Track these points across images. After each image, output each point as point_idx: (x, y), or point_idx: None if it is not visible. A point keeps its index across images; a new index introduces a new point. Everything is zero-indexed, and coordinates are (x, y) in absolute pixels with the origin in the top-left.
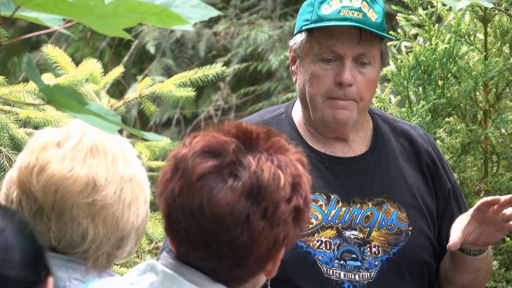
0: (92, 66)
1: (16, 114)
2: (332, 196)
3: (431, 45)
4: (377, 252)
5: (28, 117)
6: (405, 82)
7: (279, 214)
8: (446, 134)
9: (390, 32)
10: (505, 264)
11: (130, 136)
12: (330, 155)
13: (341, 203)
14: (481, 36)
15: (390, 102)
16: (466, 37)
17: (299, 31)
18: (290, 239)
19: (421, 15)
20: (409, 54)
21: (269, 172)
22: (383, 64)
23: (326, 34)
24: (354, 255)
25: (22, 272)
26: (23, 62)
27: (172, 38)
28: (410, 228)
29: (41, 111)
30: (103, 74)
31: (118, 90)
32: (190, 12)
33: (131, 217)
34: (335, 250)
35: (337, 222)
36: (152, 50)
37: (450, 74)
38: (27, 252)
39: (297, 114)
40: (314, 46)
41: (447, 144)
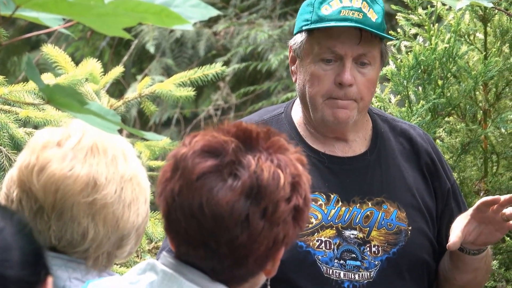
0: (91, 65)
1: (16, 114)
2: (331, 195)
3: (431, 44)
4: (376, 251)
5: (28, 116)
6: (405, 81)
7: (279, 214)
8: (446, 134)
9: (390, 31)
10: (504, 263)
11: (130, 135)
12: (329, 155)
13: (340, 203)
14: (480, 35)
15: (390, 102)
16: (466, 36)
17: (299, 31)
18: (289, 239)
19: (420, 15)
20: (409, 53)
21: (268, 171)
22: (383, 63)
23: (326, 35)
24: (354, 255)
25: (21, 272)
26: (23, 62)
27: (171, 38)
28: (410, 227)
29: (41, 111)
30: (103, 73)
31: (118, 89)
32: (190, 11)
33: (131, 216)
34: (335, 250)
35: (336, 221)
36: (151, 49)
37: (450, 74)
38: (26, 252)
39: (296, 114)
40: (314, 47)
41: (447, 143)
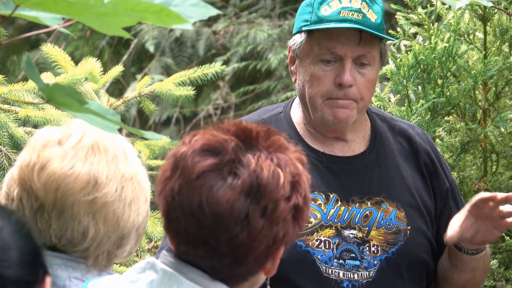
0: (91, 65)
1: (15, 113)
2: (331, 195)
3: (431, 44)
4: (376, 251)
5: (27, 116)
6: (404, 81)
7: (279, 212)
8: (445, 133)
9: (389, 31)
10: (504, 263)
11: (130, 135)
12: (329, 154)
13: (340, 202)
14: (480, 35)
15: (390, 101)
16: (466, 36)
17: (298, 31)
18: (289, 238)
19: (420, 14)
20: (408, 53)
21: (268, 170)
22: (382, 63)
23: (326, 35)
24: (353, 254)
25: (20, 271)
26: (23, 61)
27: (171, 37)
28: (409, 227)
29: (40, 110)
30: (103, 73)
31: (117, 89)
32: (190, 11)
33: (132, 215)
34: (334, 249)
35: (336, 221)
36: (151, 49)
37: (449, 73)
38: (25, 251)
39: (295, 114)
40: (314, 47)
41: (447, 143)
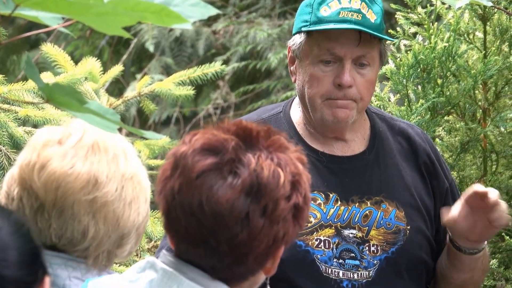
0: (91, 64)
1: (15, 113)
2: (330, 194)
3: (430, 43)
4: (375, 251)
5: (27, 115)
6: (404, 80)
7: (279, 212)
8: (445, 133)
9: (389, 30)
10: (504, 262)
11: (129, 134)
12: (328, 154)
13: (339, 202)
14: (480, 34)
15: (389, 101)
16: (465, 35)
17: (298, 32)
18: (289, 237)
19: (420, 14)
20: (408, 52)
21: (268, 170)
22: (382, 63)
23: (325, 36)
24: (353, 254)
25: (19, 271)
26: (22, 61)
27: (171, 37)
28: (409, 227)
29: (40, 110)
30: (102, 72)
31: (117, 88)
32: (189, 10)
33: (132, 215)
34: (334, 249)
35: (336, 221)
36: (151, 48)
37: (449, 73)
38: (24, 251)
39: (295, 113)
40: (313, 48)
41: (447, 142)
